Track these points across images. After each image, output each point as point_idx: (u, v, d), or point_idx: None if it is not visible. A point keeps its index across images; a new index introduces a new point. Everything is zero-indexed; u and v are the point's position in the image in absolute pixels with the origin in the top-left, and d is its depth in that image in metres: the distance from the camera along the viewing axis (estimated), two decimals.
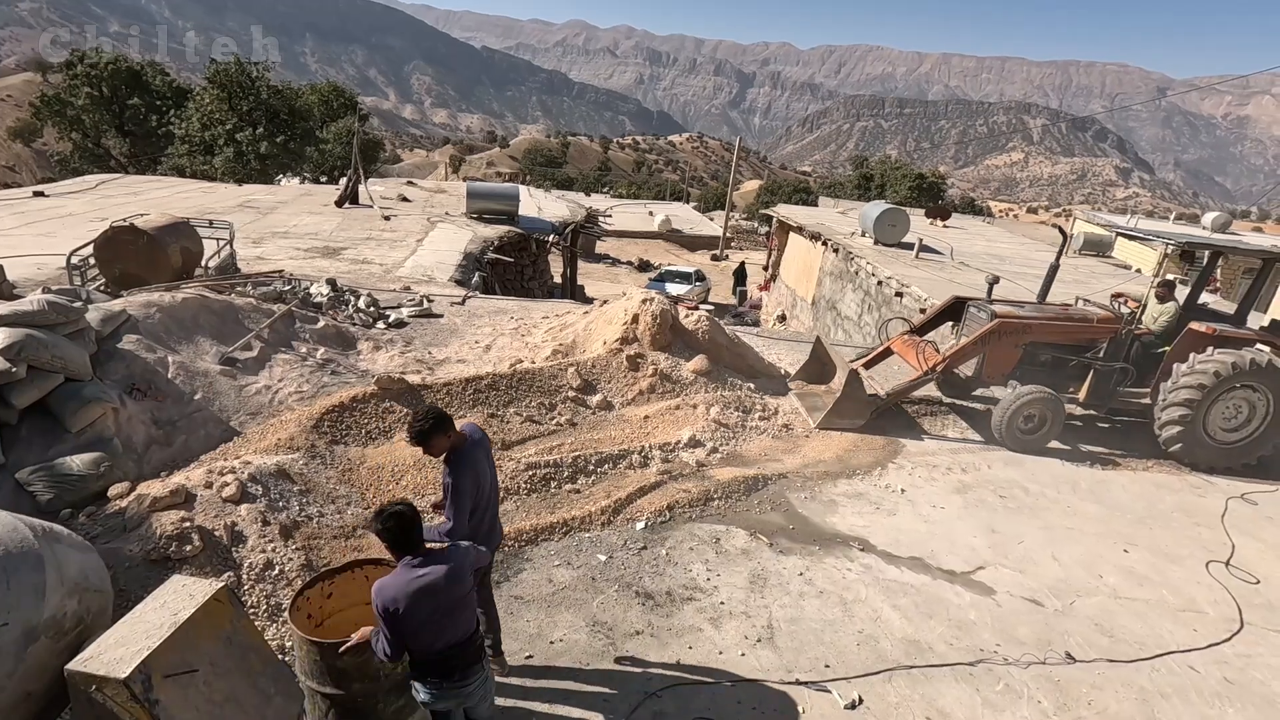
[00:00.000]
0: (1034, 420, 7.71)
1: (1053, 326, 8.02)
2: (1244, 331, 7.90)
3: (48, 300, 5.45)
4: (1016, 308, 8.32)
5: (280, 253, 13.39)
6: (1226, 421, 7.71)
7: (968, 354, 7.97)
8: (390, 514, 2.80)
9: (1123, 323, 7.98)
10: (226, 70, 31.73)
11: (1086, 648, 4.80)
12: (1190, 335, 7.74)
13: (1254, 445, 7.78)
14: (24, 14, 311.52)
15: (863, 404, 7.76)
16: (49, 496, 4.74)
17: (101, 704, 2.41)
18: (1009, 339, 7.90)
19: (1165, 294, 8.24)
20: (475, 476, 3.57)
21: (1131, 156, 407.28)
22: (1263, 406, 7.66)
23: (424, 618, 2.80)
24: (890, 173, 52.45)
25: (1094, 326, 8.05)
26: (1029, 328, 7.90)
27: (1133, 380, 8.02)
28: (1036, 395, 7.57)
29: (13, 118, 59.11)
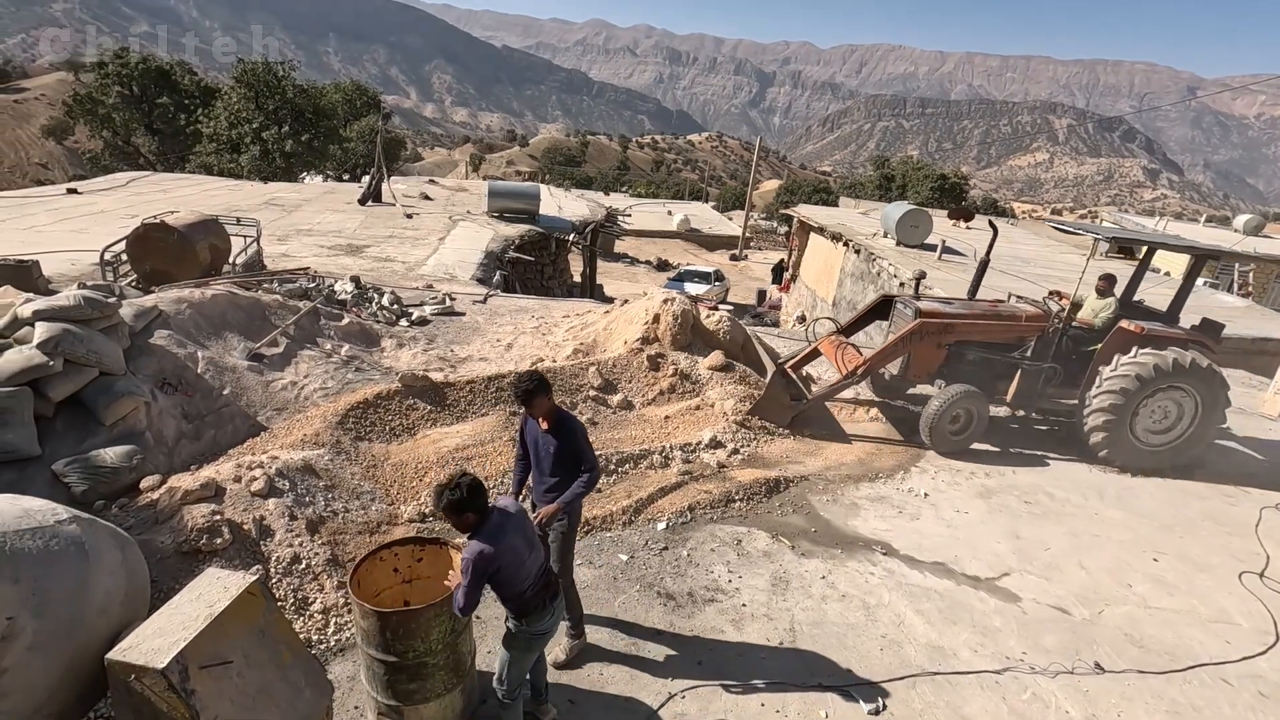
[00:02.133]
0: (960, 420, 7.48)
1: (978, 325, 7.71)
2: (1172, 331, 7.63)
3: (83, 296, 5.56)
4: (943, 305, 8.02)
5: (305, 250, 13.57)
6: (1155, 423, 7.49)
7: (890, 355, 7.70)
8: (457, 484, 3.07)
9: (1050, 320, 7.67)
10: (253, 69, 32.18)
11: (1115, 658, 4.72)
12: (1119, 334, 7.51)
13: (1183, 447, 7.56)
14: (57, 14, 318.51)
15: (784, 406, 7.56)
16: (83, 488, 4.83)
17: (140, 693, 2.46)
18: (932, 338, 7.63)
19: (1105, 288, 7.97)
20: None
21: (1160, 157, 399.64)
22: (1191, 407, 7.43)
23: (510, 560, 3.14)
24: (912, 173, 51.92)
25: (1021, 324, 7.74)
26: (952, 327, 7.62)
27: (1060, 380, 7.74)
28: (964, 394, 7.35)
29: (46, 116, 60.44)
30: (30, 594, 2.48)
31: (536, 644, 3.42)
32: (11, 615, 2.42)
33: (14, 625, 2.42)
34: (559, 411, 3.98)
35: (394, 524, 5.30)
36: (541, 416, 3.90)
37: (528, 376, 3.81)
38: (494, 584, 3.19)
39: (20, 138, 62.19)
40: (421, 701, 3.40)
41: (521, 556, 3.22)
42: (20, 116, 64.57)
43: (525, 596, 3.27)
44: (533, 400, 3.81)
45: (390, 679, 3.33)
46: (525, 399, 3.81)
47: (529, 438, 4.10)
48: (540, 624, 3.33)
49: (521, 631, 3.33)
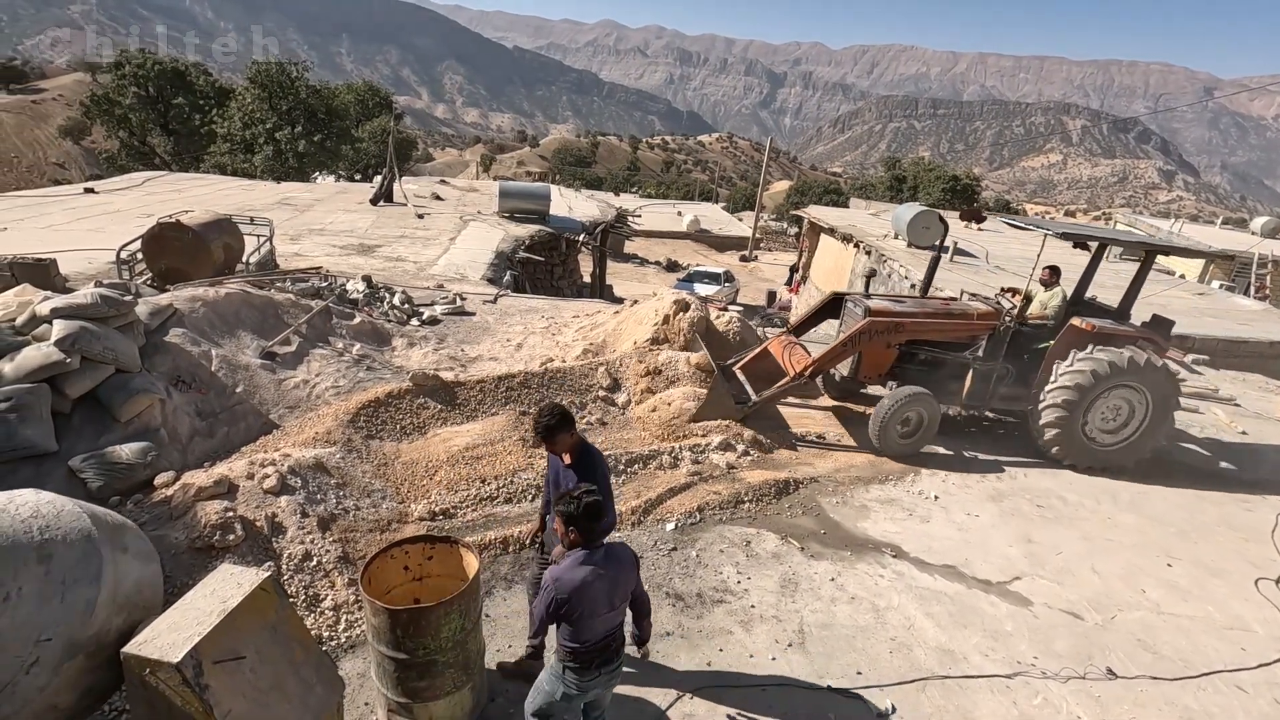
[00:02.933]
0: (911, 423, 7.29)
1: (928, 323, 7.54)
2: (1123, 328, 7.48)
3: (100, 294, 5.63)
4: (893, 304, 7.84)
5: (317, 249, 13.67)
6: (1106, 422, 7.37)
7: (838, 355, 7.49)
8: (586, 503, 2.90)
9: (1001, 318, 7.51)
10: (267, 70, 32.46)
11: (1128, 663, 4.67)
12: (1070, 332, 7.39)
13: (1135, 446, 7.46)
14: (75, 16, 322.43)
15: (729, 409, 7.32)
16: (99, 484, 4.89)
17: (155, 687, 2.49)
18: (882, 338, 7.44)
19: (1051, 280, 7.84)
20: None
21: (1175, 159, 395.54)
22: (1142, 406, 7.32)
23: (588, 608, 2.91)
24: (923, 174, 51.65)
25: (973, 322, 7.58)
26: (902, 326, 7.44)
27: (1013, 379, 7.61)
28: (913, 396, 7.16)
29: (63, 116, 61.19)
30: (47, 588, 2.52)
31: (572, 700, 3.12)
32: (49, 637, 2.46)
33: (33, 618, 2.46)
34: (583, 445, 3.71)
35: (404, 522, 5.33)
36: (564, 451, 3.66)
37: (549, 411, 3.52)
38: (559, 621, 2.97)
39: (38, 138, 63.01)
40: (431, 699, 3.42)
41: (597, 609, 2.95)
42: (38, 117, 65.42)
43: (580, 650, 3.01)
44: (554, 436, 3.53)
45: (400, 676, 3.35)
46: (546, 435, 3.52)
47: (550, 470, 3.87)
48: (581, 682, 3.05)
49: (560, 678, 3.08)
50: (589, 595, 2.90)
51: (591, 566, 2.93)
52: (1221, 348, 12.93)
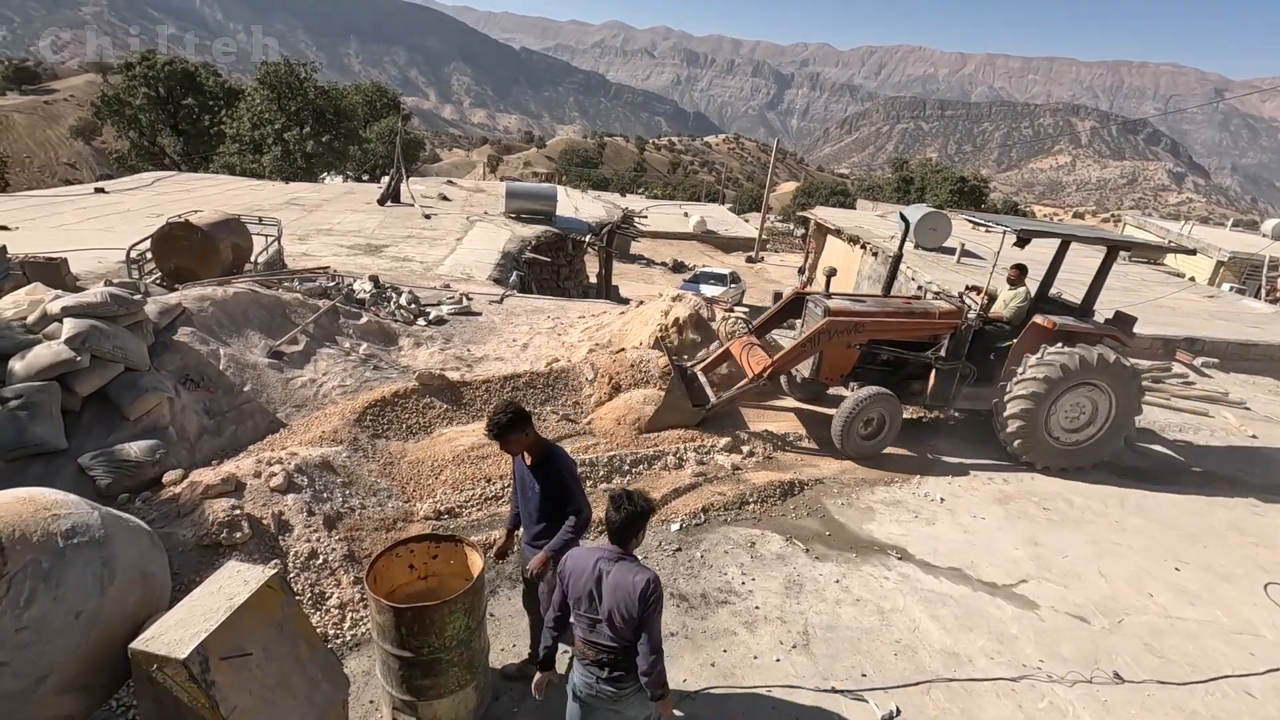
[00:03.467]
0: (873, 424, 7.15)
1: (889, 323, 7.38)
2: (1085, 326, 7.37)
3: (110, 293, 5.67)
4: (853, 304, 7.64)
5: (325, 249, 13.73)
6: (1069, 421, 7.29)
7: (797, 356, 7.30)
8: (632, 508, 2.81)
9: (963, 316, 7.39)
10: (276, 71, 32.62)
11: (1135, 668, 4.65)
12: (1033, 330, 7.31)
13: (1099, 445, 7.39)
14: (86, 17, 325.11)
15: (686, 412, 7.13)
16: (108, 481, 4.93)
17: (161, 683, 2.51)
18: (842, 338, 7.26)
19: (1016, 278, 7.72)
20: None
21: (1186, 160, 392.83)
22: (1105, 405, 7.25)
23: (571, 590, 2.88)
24: (931, 175, 51.51)
25: (935, 321, 7.44)
26: (862, 325, 7.28)
27: (976, 378, 7.49)
28: (875, 397, 7.02)
29: (74, 117, 61.62)
30: (56, 583, 2.54)
31: (576, 697, 3.01)
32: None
33: (43, 613, 2.48)
34: (544, 445, 3.53)
35: (410, 521, 5.35)
36: (525, 452, 3.52)
37: (501, 409, 3.33)
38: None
39: (49, 138, 63.49)
40: (436, 697, 3.43)
41: (580, 602, 2.88)
42: (50, 117, 65.92)
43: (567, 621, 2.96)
44: (507, 437, 3.36)
45: (405, 674, 3.36)
46: (499, 436, 3.35)
47: (516, 474, 3.71)
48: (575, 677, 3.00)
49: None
50: (579, 579, 2.85)
51: (600, 556, 2.85)
52: (1231, 351, 12.85)
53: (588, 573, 2.84)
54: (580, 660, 2.95)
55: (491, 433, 3.36)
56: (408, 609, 3.25)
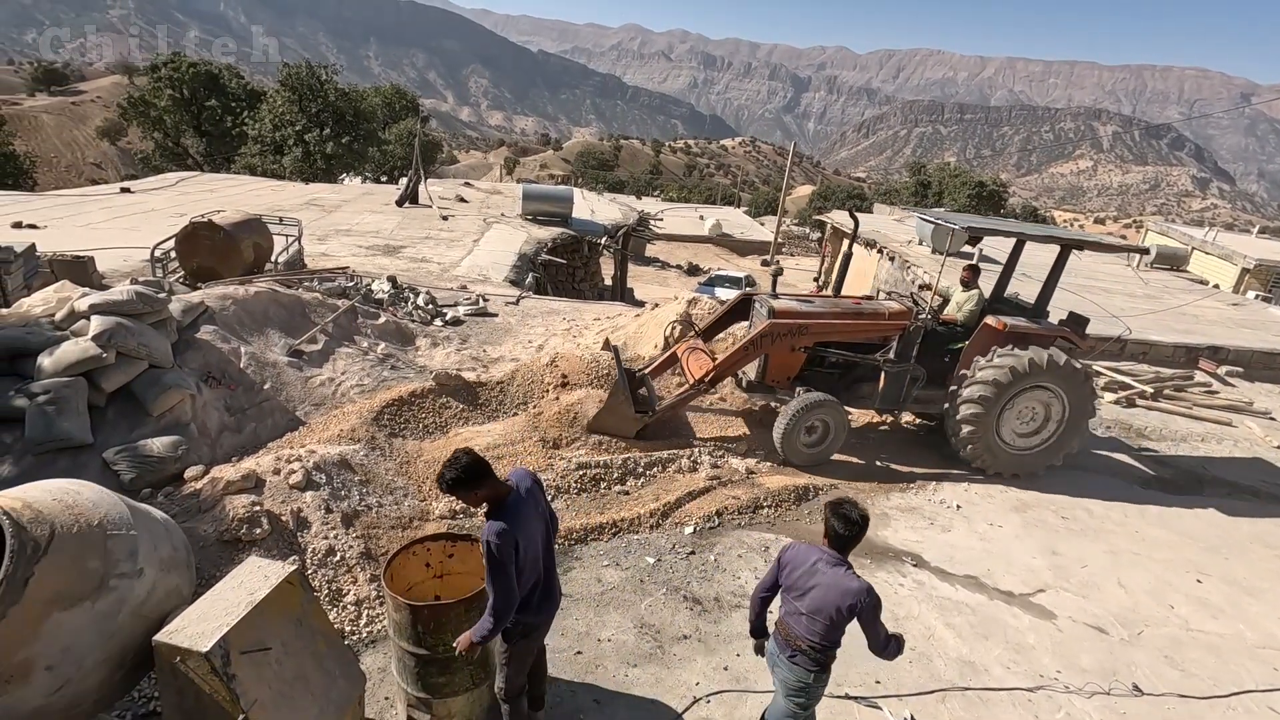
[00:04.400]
0: (817, 432, 6.88)
1: (835, 324, 7.10)
2: (1036, 327, 7.14)
3: (136, 291, 5.78)
4: (800, 304, 7.32)
5: (344, 250, 13.88)
6: (1021, 425, 7.09)
7: (740, 359, 6.98)
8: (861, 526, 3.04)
9: (913, 317, 7.10)
10: (297, 73, 33.05)
11: (1155, 680, 4.58)
12: (985, 332, 7.13)
13: (1052, 449, 7.19)
14: (114, 20, 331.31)
15: (628, 418, 6.77)
16: (131, 476, 5.01)
17: (184, 675, 2.55)
18: (786, 340, 6.97)
19: (970, 279, 7.54)
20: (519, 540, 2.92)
21: (1210, 166, 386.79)
22: (1058, 408, 7.05)
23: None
24: (949, 180, 51.06)
25: (884, 322, 7.15)
26: (806, 328, 6.98)
27: (926, 381, 7.25)
28: (817, 403, 6.75)
29: (101, 118, 62.78)
30: (85, 575, 2.59)
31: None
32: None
33: (73, 603, 2.53)
34: (495, 506, 2.94)
35: (426, 520, 5.39)
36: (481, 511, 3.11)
37: (450, 462, 2.83)
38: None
39: (77, 138, 64.73)
40: (450, 695, 3.46)
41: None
42: (77, 118, 67.21)
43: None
44: (457, 494, 2.85)
45: (420, 672, 3.39)
46: (448, 492, 2.84)
47: None
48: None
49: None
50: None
51: (820, 558, 3.09)
52: (1257, 360, 12.62)
53: (805, 567, 3.11)
54: (774, 634, 3.33)
55: (440, 487, 2.86)
56: (424, 607, 3.28)
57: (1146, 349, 12.48)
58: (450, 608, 3.29)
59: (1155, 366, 11.92)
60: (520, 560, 2.91)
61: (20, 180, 29.04)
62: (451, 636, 3.31)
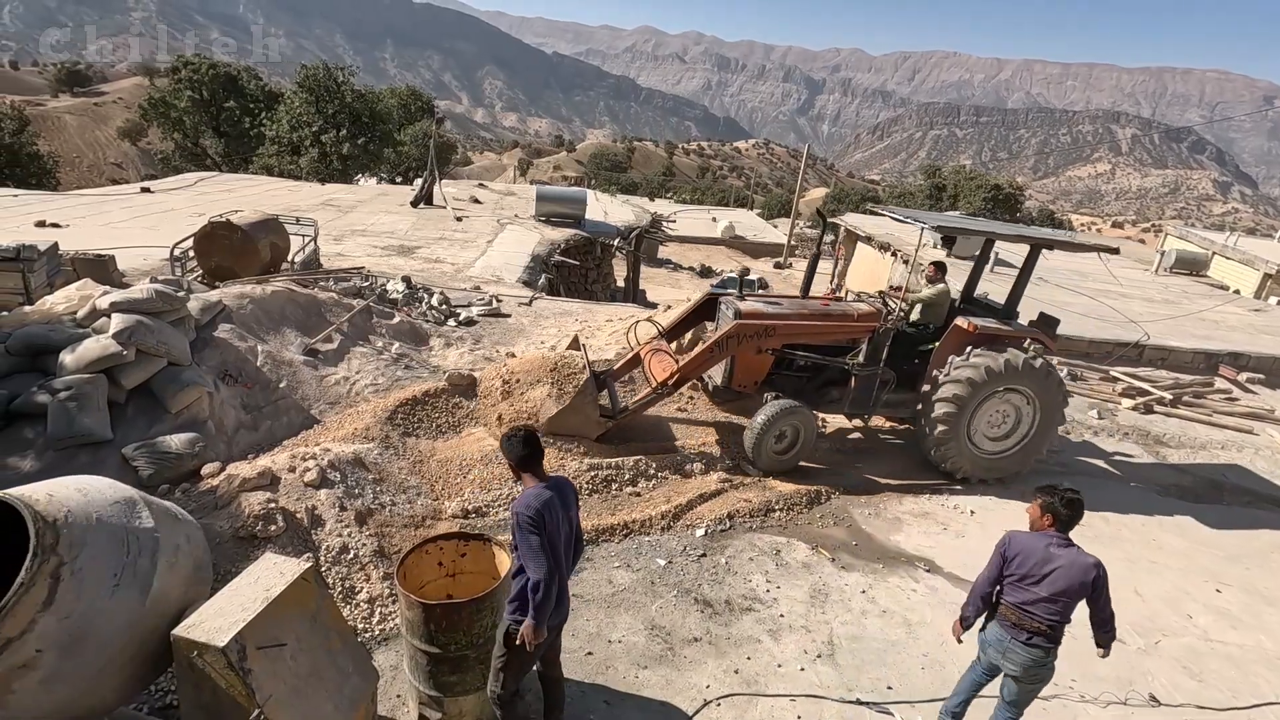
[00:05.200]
0: (786, 438, 6.69)
1: (803, 326, 6.88)
2: (1006, 329, 6.98)
3: (156, 289, 5.85)
4: (767, 306, 7.12)
5: (359, 250, 13.99)
6: (993, 429, 6.95)
7: (705, 361, 6.70)
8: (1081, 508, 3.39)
9: (882, 318, 6.91)
10: (314, 75, 33.38)
11: (1173, 691, 4.52)
12: (955, 333, 6.96)
13: (1024, 452, 7.07)
14: (135, 22, 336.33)
15: (591, 419, 6.52)
16: (150, 472, 5.07)
17: (201, 669, 2.59)
18: (752, 342, 6.71)
19: (935, 275, 7.42)
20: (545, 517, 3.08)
21: (1232, 169, 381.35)
22: (1029, 411, 6.92)
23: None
24: (964, 183, 50.67)
25: (852, 324, 6.95)
26: (773, 329, 6.73)
27: (896, 384, 7.09)
28: (787, 410, 6.55)
29: (122, 119, 63.69)
30: (107, 569, 2.63)
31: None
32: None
33: (94, 597, 2.57)
34: (535, 484, 3.19)
35: (438, 519, 5.42)
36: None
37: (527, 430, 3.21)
38: None
39: (98, 139, 65.73)
40: (461, 694, 3.48)
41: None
42: (99, 119, 68.25)
43: None
44: (523, 455, 3.17)
45: (432, 670, 3.41)
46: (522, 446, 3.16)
47: None
48: None
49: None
50: (1028, 558, 3.35)
51: (1050, 542, 3.37)
52: (1279, 367, 12.42)
53: (1039, 555, 3.35)
54: (1001, 622, 3.49)
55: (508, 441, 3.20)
56: (437, 605, 3.30)
57: (1165, 355, 12.32)
58: (462, 607, 3.30)
59: (1174, 373, 11.77)
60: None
61: (44, 180, 29.51)
62: (463, 635, 3.33)
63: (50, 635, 2.46)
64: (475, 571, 3.82)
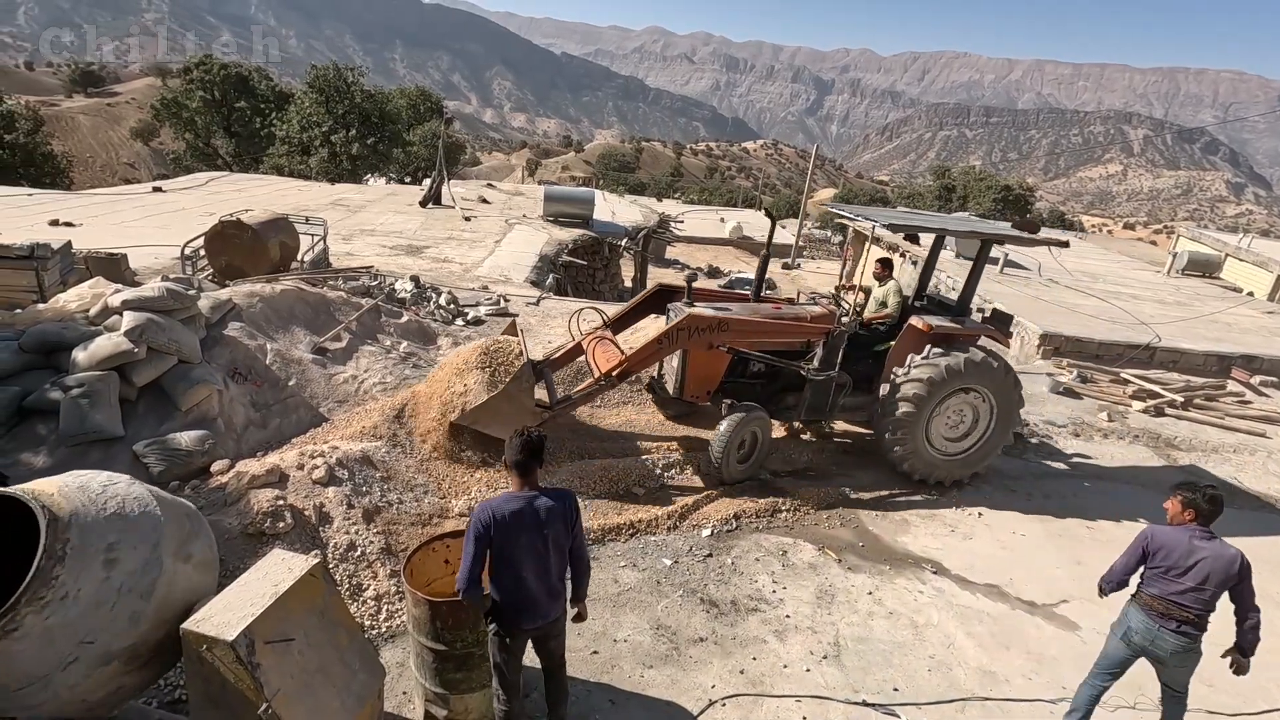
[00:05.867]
0: (746, 445, 6.37)
1: (759, 324, 6.53)
2: (962, 327, 6.79)
3: (167, 288, 5.90)
4: (718, 311, 6.59)
5: (368, 249, 14.07)
6: (950, 430, 6.79)
7: (653, 355, 6.31)
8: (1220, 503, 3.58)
9: (835, 320, 6.62)
10: (324, 75, 33.60)
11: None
12: (910, 333, 6.76)
13: (981, 451, 6.89)
14: (148, 23, 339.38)
15: (526, 409, 5.96)
16: (160, 469, 5.12)
17: (210, 663, 2.61)
18: (704, 337, 6.28)
19: (883, 273, 7.24)
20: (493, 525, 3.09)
21: (1246, 171, 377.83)
22: (986, 409, 6.77)
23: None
24: (974, 184, 50.43)
25: (806, 325, 6.65)
26: (727, 324, 6.31)
27: (851, 388, 6.86)
28: (752, 415, 6.27)
29: (135, 119, 64.28)
30: (104, 593, 2.65)
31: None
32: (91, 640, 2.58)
33: (102, 591, 2.60)
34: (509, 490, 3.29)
35: (445, 517, 5.44)
36: None
37: (534, 434, 3.20)
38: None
39: (111, 139, 66.34)
40: (467, 691, 3.49)
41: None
42: (112, 119, 68.89)
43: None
44: (522, 458, 3.17)
45: (439, 667, 3.43)
46: (521, 449, 3.15)
47: None
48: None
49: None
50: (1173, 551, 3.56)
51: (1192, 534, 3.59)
52: None
53: (1183, 548, 3.58)
54: (1148, 613, 3.73)
55: (513, 441, 3.18)
56: (443, 603, 3.31)
57: (1177, 357, 12.22)
58: (468, 605, 3.31)
59: (1186, 375, 11.67)
60: (492, 546, 3.10)
61: (58, 179, 29.82)
62: (469, 633, 3.34)
63: (59, 628, 2.48)
64: None
